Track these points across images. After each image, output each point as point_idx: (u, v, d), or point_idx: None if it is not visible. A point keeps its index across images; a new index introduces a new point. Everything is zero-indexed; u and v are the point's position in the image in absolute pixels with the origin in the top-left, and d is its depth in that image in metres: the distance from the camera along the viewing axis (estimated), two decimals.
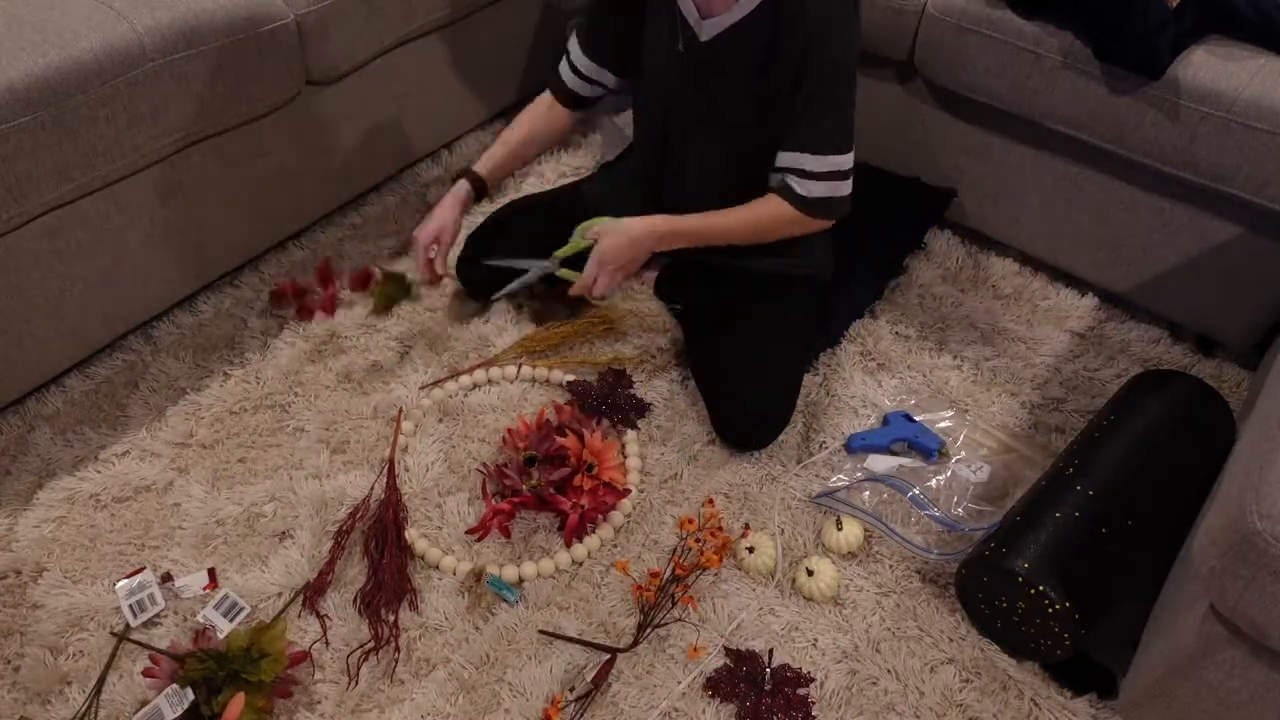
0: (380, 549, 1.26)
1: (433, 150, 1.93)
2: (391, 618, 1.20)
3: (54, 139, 1.21)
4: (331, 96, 1.60)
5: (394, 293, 1.56)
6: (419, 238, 1.42)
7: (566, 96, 1.48)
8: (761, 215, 1.35)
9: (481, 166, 1.48)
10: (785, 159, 1.28)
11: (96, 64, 1.22)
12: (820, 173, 1.27)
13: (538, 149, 1.55)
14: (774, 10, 1.18)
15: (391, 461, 1.38)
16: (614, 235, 1.34)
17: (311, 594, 1.22)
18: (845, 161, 1.27)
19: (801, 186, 1.28)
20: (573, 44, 1.44)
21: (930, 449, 1.40)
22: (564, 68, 1.46)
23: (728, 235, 1.37)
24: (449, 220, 1.43)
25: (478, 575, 1.25)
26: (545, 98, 1.51)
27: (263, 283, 1.65)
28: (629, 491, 1.34)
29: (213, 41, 1.34)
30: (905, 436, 1.41)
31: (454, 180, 1.47)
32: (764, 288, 1.46)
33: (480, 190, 1.48)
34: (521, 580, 1.26)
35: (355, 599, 1.22)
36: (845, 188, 1.29)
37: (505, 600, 1.23)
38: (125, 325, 1.51)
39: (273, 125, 1.52)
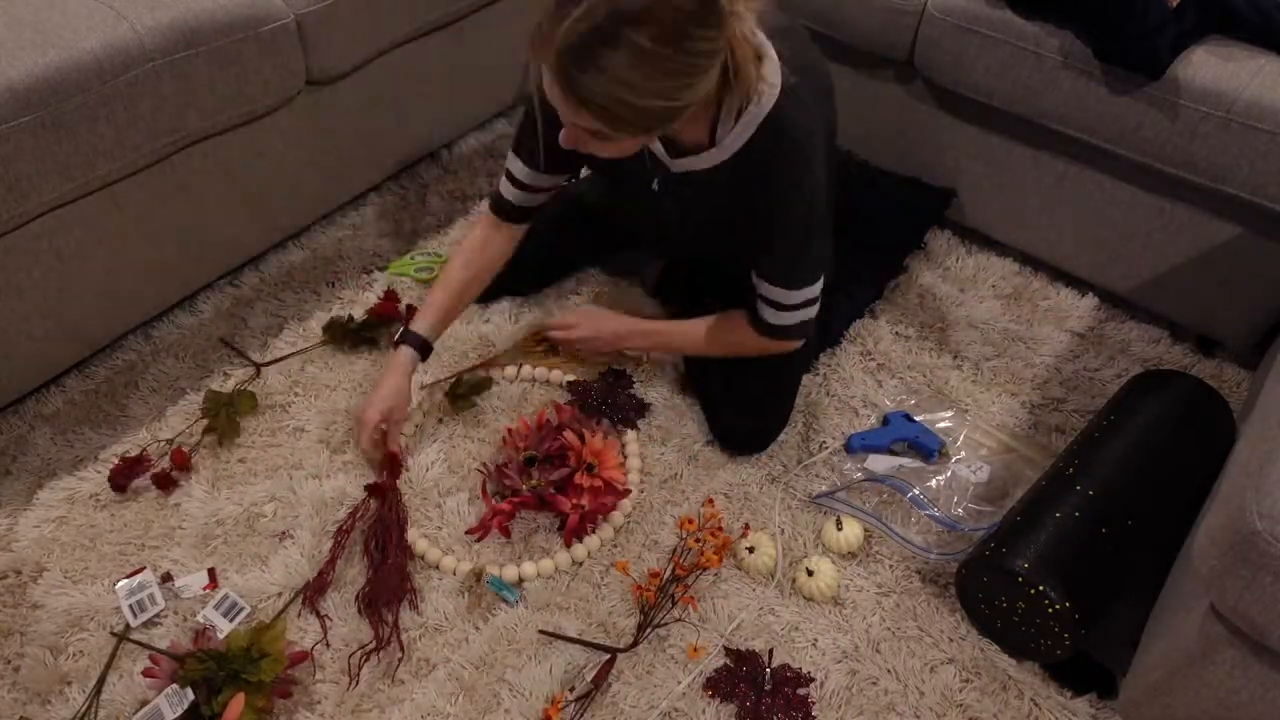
0: (380, 549, 1.26)
1: (433, 150, 1.93)
2: (392, 618, 1.20)
3: (54, 139, 1.21)
4: (331, 96, 1.60)
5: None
6: (367, 416, 1.29)
7: (512, 212, 1.38)
8: (730, 339, 1.36)
9: (421, 324, 1.35)
10: (762, 288, 1.27)
11: (96, 64, 1.22)
12: (792, 305, 1.27)
13: (481, 285, 1.42)
14: (742, 166, 1.16)
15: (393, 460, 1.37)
16: (598, 318, 1.41)
17: (311, 594, 1.22)
18: (815, 290, 1.27)
19: (775, 317, 1.29)
20: (512, 162, 1.34)
21: (930, 449, 1.40)
22: (505, 186, 1.37)
23: (695, 349, 1.42)
24: (399, 393, 1.32)
25: (478, 575, 1.25)
26: (478, 229, 1.41)
27: (263, 283, 1.65)
28: (629, 491, 1.34)
29: (213, 41, 1.33)
30: (905, 436, 1.41)
31: (394, 346, 1.35)
32: None
33: (425, 351, 1.36)
34: (521, 580, 1.26)
35: (356, 599, 1.22)
36: (813, 312, 1.30)
37: (505, 600, 1.23)
38: (125, 325, 1.50)
39: (273, 125, 1.52)
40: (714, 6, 0.92)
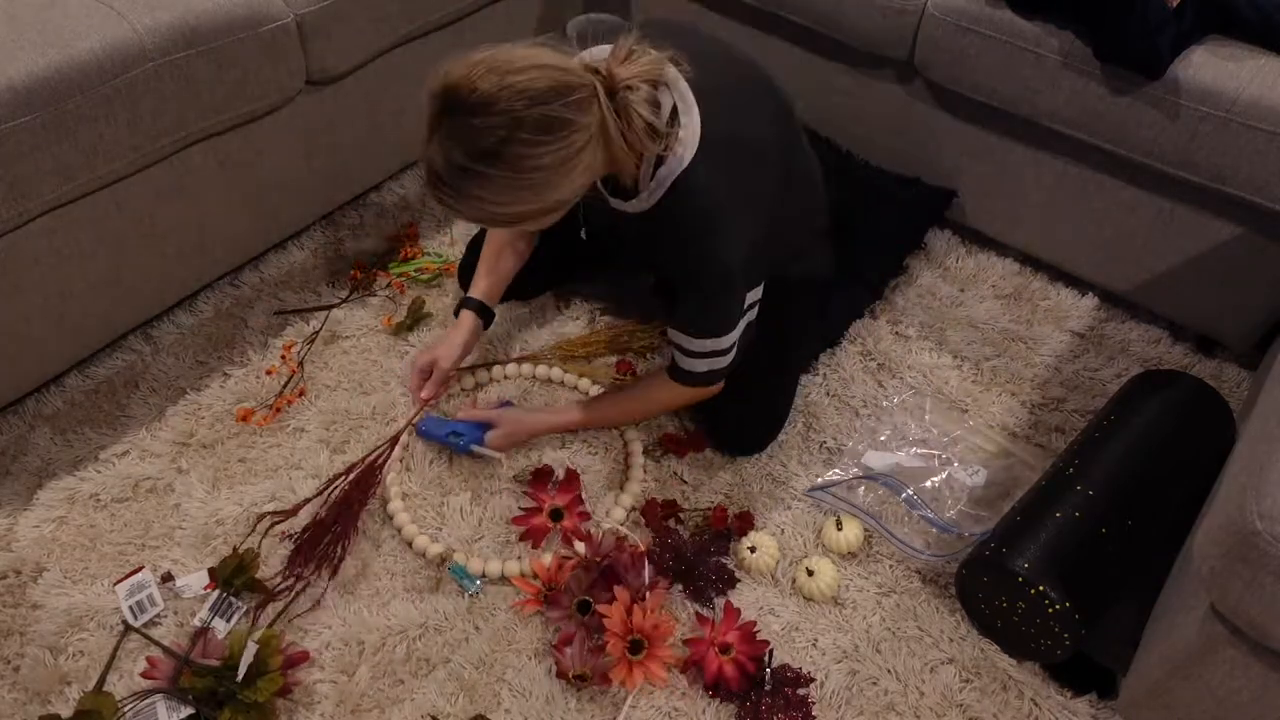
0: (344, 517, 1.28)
1: None
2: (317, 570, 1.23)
3: (54, 139, 1.21)
4: (331, 96, 1.60)
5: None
6: (417, 360, 1.40)
7: None
8: (652, 398, 1.38)
9: (476, 291, 1.43)
10: (671, 333, 1.28)
11: (96, 64, 1.22)
12: (698, 352, 1.26)
13: (519, 258, 1.47)
14: (658, 220, 1.17)
15: (395, 439, 1.38)
16: (510, 427, 1.37)
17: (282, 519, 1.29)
18: (724, 343, 1.25)
19: (684, 363, 1.28)
20: None
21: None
22: None
23: (614, 421, 1.43)
24: (451, 343, 1.40)
25: (443, 560, 1.26)
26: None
27: (263, 283, 1.65)
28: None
29: (213, 41, 1.33)
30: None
31: (456, 313, 1.44)
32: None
33: (485, 314, 1.43)
34: (485, 575, 1.26)
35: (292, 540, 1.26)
36: (724, 362, 1.28)
37: (464, 589, 1.24)
38: (125, 325, 1.50)
39: (273, 125, 1.52)
40: (555, 118, 0.97)
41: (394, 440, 1.38)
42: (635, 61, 1.05)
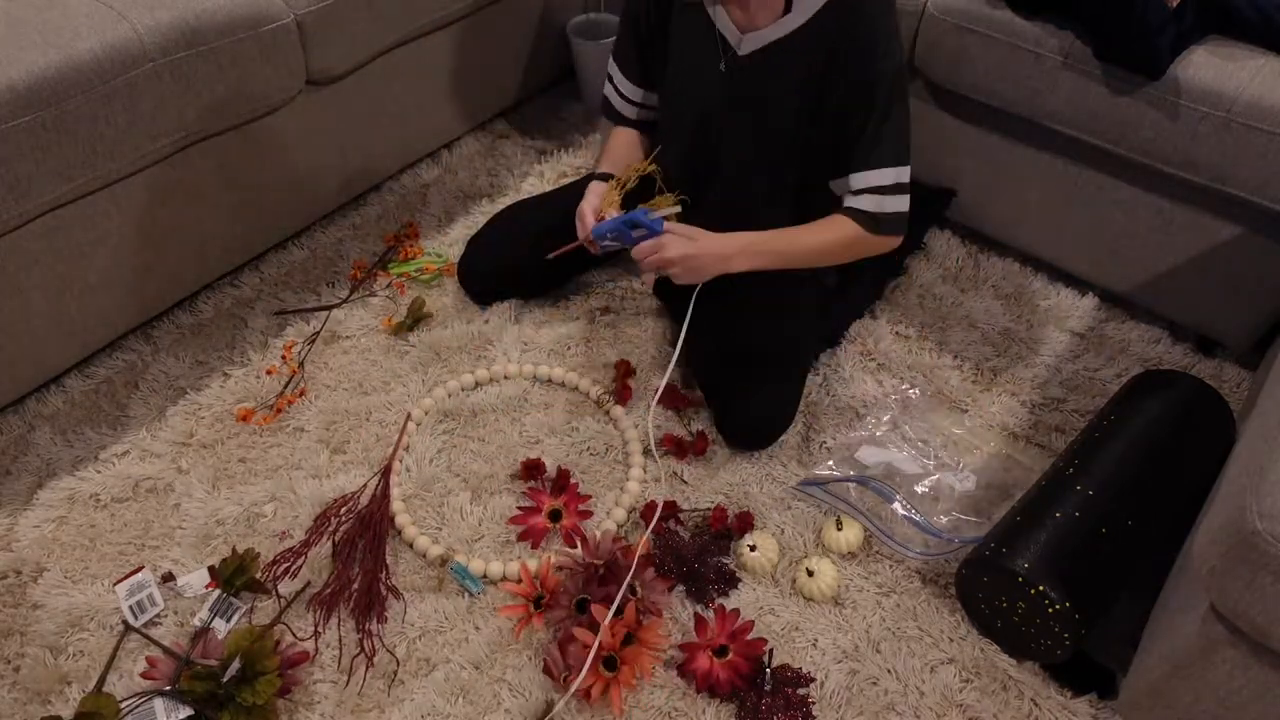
0: (359, 554, 1.26)
1: (433, 150, 1.93)
2: (367, 626, 1.20)
3: (54, 139, 1.21)
4: (331, 96, 1.60)
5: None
6: (583, 210, 1.37)
7: (625, 122, 1.48)
8: (837, 238, 1.31)
9: (605, 168, 1.45)
10: (858, 180, 1.24)
11: (96, 64, 1.22)
12: (892, 186, 1.24)
13: (641, 150, 1.48)
14: (821, 29, 1.15)
15: (389, 469, 1.37)
16: (693, 238, 1.30)
17: (277, 563, 1.22)
18: (908, 174, 1.25)
19: (877, 205, 1.24)
20: (614, 70, 1.46)
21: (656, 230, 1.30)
22: (613, 95, 1.47)
23: (806, 259, 1.35)
24: (597, 193, 1.39)
25: (443, 561, 1.26)
26: (614, 133, 1.50)
27: (263, 283, 1.65)
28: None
29: (213, 41, 1.34)
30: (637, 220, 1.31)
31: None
32: (767, 288, 1.46)
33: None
34: (486, 575, 1.26)
35: (312, 600, 1.22)
36: (907, 202, 1.28)
37: (468, 590, 1.24)
38: (125, 325, 1.51)
39: (273, 125, 1.52)
40: None
41: (386, 471, 1.36)
42: None
